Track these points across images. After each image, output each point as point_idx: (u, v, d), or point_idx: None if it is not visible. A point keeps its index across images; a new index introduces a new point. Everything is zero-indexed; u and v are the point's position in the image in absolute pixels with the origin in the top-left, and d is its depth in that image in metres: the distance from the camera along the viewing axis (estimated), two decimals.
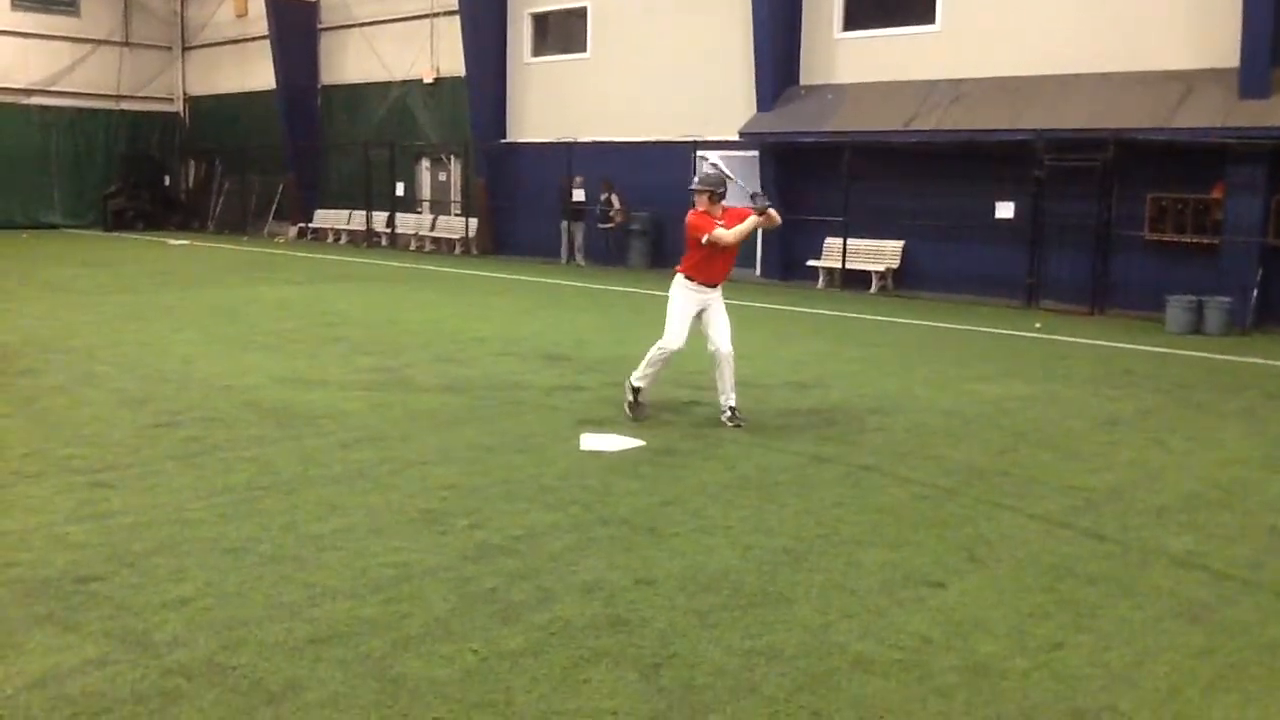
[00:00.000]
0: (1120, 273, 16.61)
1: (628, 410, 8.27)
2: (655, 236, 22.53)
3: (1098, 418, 8.87)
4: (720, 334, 8.13)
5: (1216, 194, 15.67)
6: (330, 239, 30.10)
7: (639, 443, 7.55)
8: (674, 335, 8.10)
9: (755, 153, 20.64)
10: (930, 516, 6.08)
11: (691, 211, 8.11)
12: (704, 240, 7.95)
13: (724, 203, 8.18)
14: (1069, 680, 4.07)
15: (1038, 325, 14.94)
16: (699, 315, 8.18)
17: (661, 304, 8.50)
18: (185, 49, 35.34)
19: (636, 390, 8.27)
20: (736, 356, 8.25)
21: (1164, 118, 15.74)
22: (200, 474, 6.57)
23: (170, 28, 35.15)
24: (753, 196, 8.11)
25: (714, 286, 8.20)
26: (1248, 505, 6.47)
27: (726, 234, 7.93)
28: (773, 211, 8.02)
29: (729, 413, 8.14)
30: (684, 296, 8.16)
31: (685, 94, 22.00)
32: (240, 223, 32.49)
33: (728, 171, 8.26)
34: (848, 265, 19.64)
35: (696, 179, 8.21)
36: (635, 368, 8.39)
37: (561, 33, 25.07)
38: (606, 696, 3.85)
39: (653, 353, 8.19)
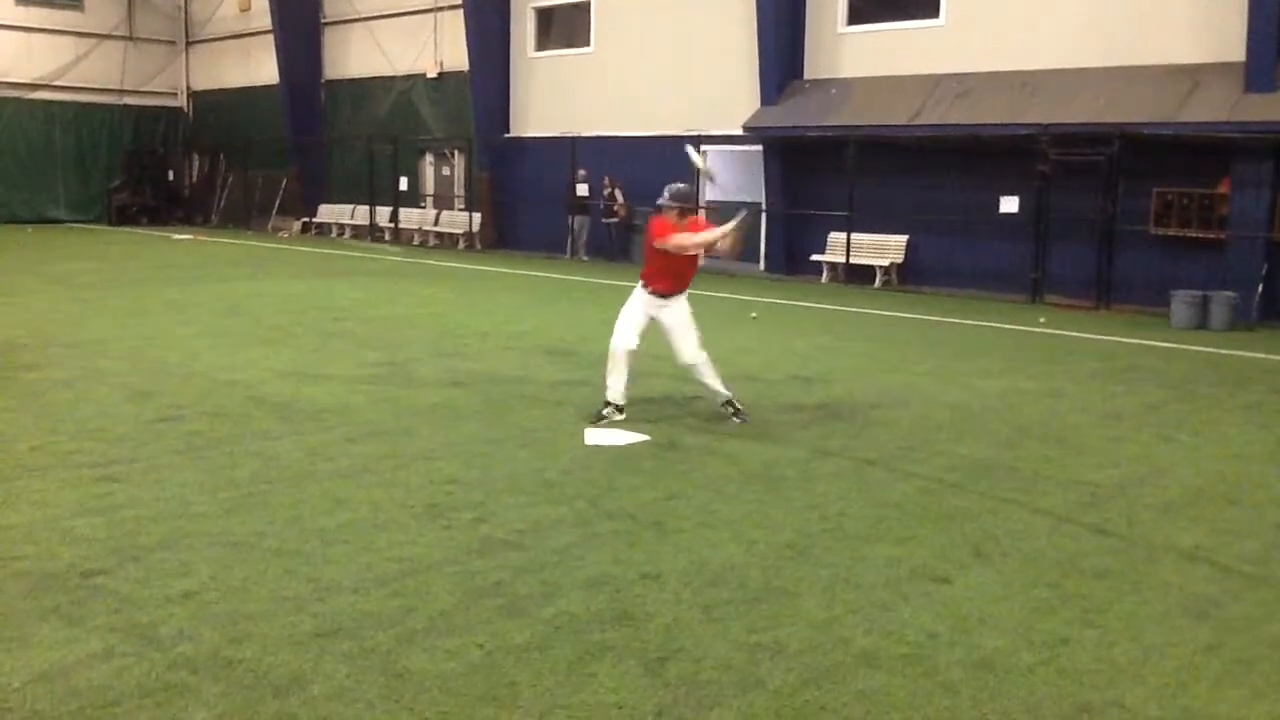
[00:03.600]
0: (1125, 268, 16.57)
1: (601, 415, 8.02)
2: None
3: (1103, 413, 8.86)
4: (680, 345, 8.03)
5: (1222, 189, 15.63)
6: (334, 234, 30.10)
7: (643, 437, 7.54)
8: (617, 335, 8.01)
9: (759, 147, 20.62)
10: (935, 511, 6.07)
11: (655, 218, 8.00)
12: (669, 245, 7.79)
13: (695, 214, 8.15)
14: (1075, 675, 4.06)
15: (1042, 320, 14.91)
16: (653, 320, 8.07)
17: None
18: (189, 43, 35.33)
19: (608, 403, 8.07)
20: (740, 352, 8.22)
21: (1170, 112, 15.69)
22: (205, 468, 6.57)
23: (174, 22, 35.13)
24: (739, 222, 7.89)
25: (667, 296, 8.03)
26: (1254, 500, 6.45)
27: (691, 238, 7.81)
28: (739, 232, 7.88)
29: (729, 407, 8.10)
30: (634, 301, 8.09)
31: (689, 88, 21.96)
32: (244, 217, 32.49)
33: (699, 163, 8.20)
34: (852, 260, 19.61)
35: (667, 194, 7.87)
36: (638, 363, 8.33)
37: (565, 27, 25.04)
38: (611, 690, 3.85)
39: (608, 363, 8.09)
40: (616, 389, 8.05)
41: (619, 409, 8.05)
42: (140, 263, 20.92)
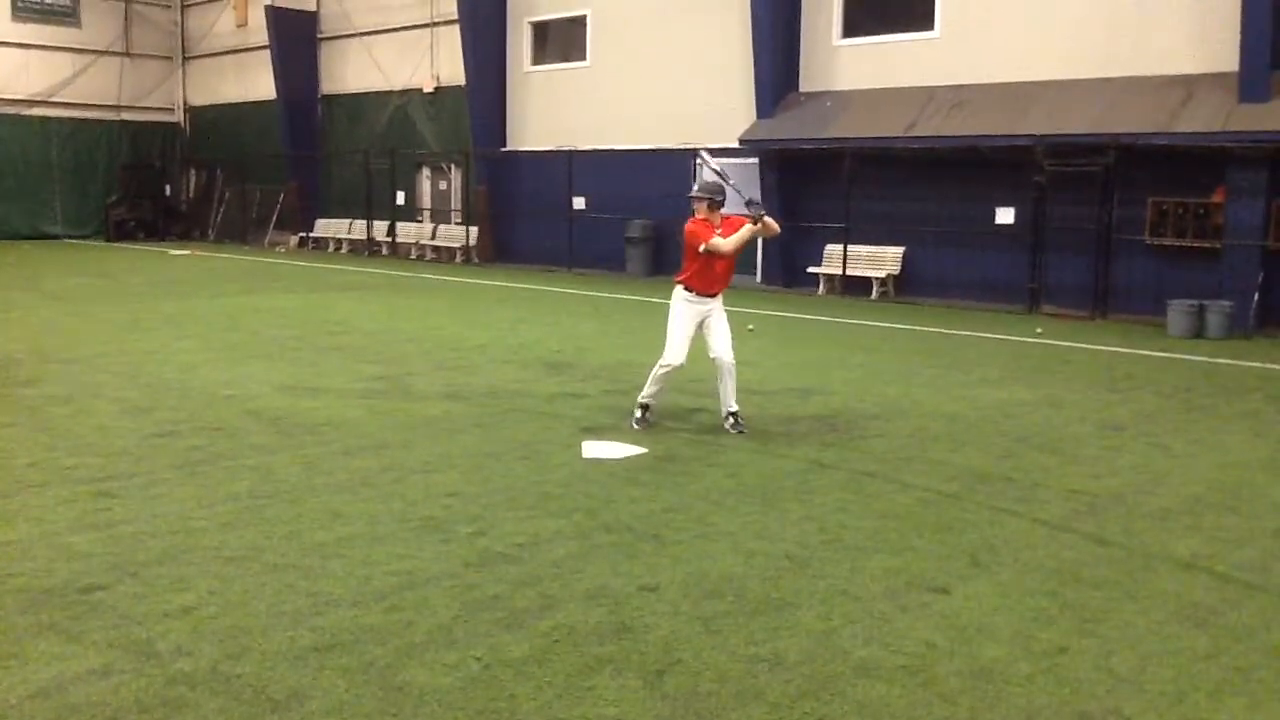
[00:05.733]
0: (1121, 277, 16.61)
1: (634, 424, 8.24)
2: (655, 244, 22.55)
3: (1100, 422, 8.87)
4: (721, 343, 8.13)
5: (1217, 198, 15.68)
6: (331, 248, 30.12)
7: (641, 450, 7.55)
8: (674, 351, 8.09)
9: (755, 160, 20.67)
10: (933, 522, 6.07)
11: (690, 220, 8.10)
12: (701, 249, 7.94)
13: (722, 211, 8.18)
14: (1073, 685, 4.06)
15: (1039, 330, 14.94)
16: (701, 325, 8.18)
17: (662, 311, 8.50)
18: (186, 59, 35.42)
19: (645, 406, 8.29)
20: (739, 363, 8.26)
21: (1164, 122, 15.75)
22: (203, 483, 6.56)
23: (170, 38, 35.24)
24: (748, 204, 8.07)
25: (714, 296, 8.18)
26: (1252, 509, 6.46)
27: (724, 243, 7.90)
28: (769, 220, 8.04)
29: (731, 419, 8.14)
30: (683, 310, 8.14)
31: (685, 102, 22.02)
32: (241, 232, 32.51)
33: (722, 173, 8.22)
34: (849, 272, 19.63)
35: (696, 186, 8.17)
36: (637, 375, 8.38)
37: (561, 41, 25.11)
38: (610, 704, 3.84)
39: (656, 371, 8.19)
40: (658, 395, 8.32)
41: (647, 410, 8.29)
42: (137, 278, 20.93)
